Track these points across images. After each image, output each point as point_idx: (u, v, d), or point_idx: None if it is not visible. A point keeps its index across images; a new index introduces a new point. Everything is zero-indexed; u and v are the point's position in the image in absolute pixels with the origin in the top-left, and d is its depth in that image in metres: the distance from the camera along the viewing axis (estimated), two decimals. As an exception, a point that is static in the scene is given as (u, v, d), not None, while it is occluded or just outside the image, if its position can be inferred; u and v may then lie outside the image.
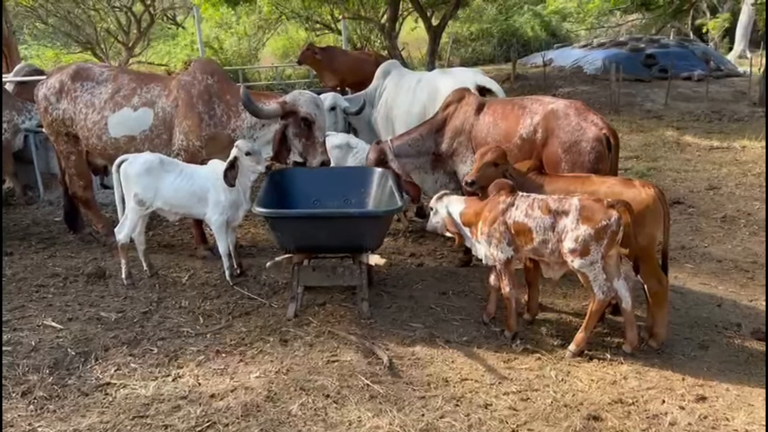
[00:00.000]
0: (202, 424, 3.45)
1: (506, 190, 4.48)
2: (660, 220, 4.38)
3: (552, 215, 4.21)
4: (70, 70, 6.21)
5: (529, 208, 4.30)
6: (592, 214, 4.10)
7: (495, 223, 4.44)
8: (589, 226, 4.09)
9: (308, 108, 5.51)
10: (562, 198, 4.28)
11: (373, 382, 3.99)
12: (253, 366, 4.15)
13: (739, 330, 4.89)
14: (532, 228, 4.28)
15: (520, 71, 20.48)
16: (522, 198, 4.40)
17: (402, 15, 21.31)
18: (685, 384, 4.13)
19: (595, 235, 4.08)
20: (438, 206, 4.89)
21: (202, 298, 5.27)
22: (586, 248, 4.11)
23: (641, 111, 16.12)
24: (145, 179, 5.27)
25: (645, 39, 20.01)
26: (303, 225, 4.74)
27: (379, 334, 4.74)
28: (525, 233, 4.33)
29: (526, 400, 3.91)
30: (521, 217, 4.32)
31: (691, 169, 10.59)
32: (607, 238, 4.10)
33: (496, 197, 4.50)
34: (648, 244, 4.38)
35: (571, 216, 4.15)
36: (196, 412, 3.55)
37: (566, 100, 5.32)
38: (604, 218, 4.07)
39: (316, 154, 5.58)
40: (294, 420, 3.53)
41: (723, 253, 6.40)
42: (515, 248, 4.46)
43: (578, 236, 4.11)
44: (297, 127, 5.54)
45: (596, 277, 4.22)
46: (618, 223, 4.10)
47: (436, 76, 7.09)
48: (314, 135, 5.57)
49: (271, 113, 5.52)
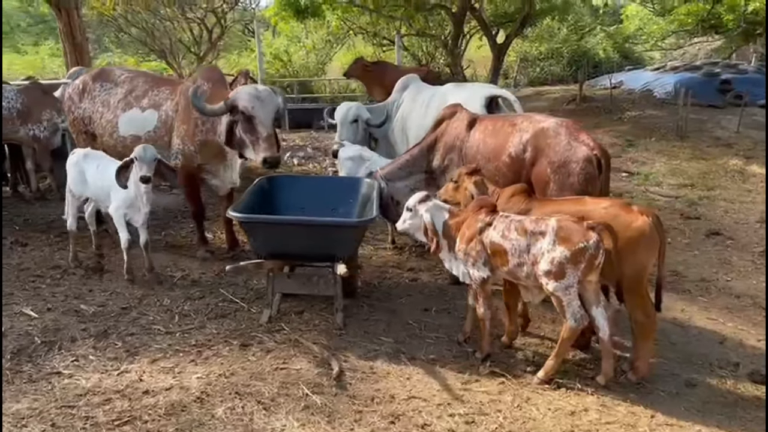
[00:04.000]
0: (122, 418, 3.47)
1: (487, 208, 4.26)
2: (654, 250, 4.04)
3: (528, 237, 3.98)
4: (93, 71, 6.51)
5: (506, 230, 4.07)
6: (570, 236, 3.84)
7: (472, 241, 4.23)
8: (565, 247, 3.83)
9: (246, 101, 5.37)
10: (540, 219, 4.05)
11: (313, 392, 3.89)
12: (201, 367, 4.14)
13: (736, 370, 4.48)
14: (507, 250, 4.06)
15: (587, 93, 19.86)
16: (501, 218, 4.16)
17: (469, 33, 21.17)
18: (653, 422, 3.81)
19: (572, 258, 3.82)
20: (420, 209, 4.51)
21: (185, 298, 5.33)
22: (562, 271, 3.85)
23: (710, 138, 15.24)
24: (72, 171, 5.64)
25: (721, 64, 18.97)
26: (275, 231, 4.72)
27: (346, 345, 4.64)
28: (501, 254, 4.11)
29: (470, 424, 3.72)
30: (498, 238, 4.10)
31: (748, 200, 9.91)
32: (585, 262, 3.84)
33: (476, 215, 4.28)
34: (637, 273, 4.04)
35: (547, 237, 3.90)
36: (122, 407, 3.57)
37: (558, 119, 5.06)
38: (582, 240, 3.81)
39: (259, 150, 5.41)
40: (214, 423, 3.49)
41: (745, 289, 5.91)
42: (491, 269, 4.23)
43: (554, 258, 3.85)
44: (241, 123, 5.45)
45: (570, 303, 3.95)
46: (597, 247, 3.83)
47: (449, 90, 6.96)
48: (256, 129, 5.41)
49: (215, 110, 5.49)
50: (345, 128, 7.22)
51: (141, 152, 5.07)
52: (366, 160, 6.89)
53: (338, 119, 7.29)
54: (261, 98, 5.49)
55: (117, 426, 3.41)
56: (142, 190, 5.21)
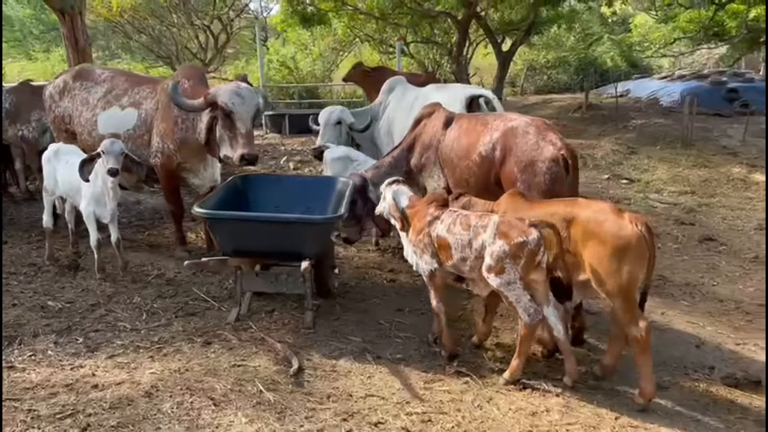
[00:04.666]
0: (65, 411, 3.40)
1: (438, 202, 4.31)
2: (644, 260, 3.78)
3: (471, 232, 3.97)
4: (73, 70, 6.51)
5: (452, 224, 4.08)
6: (509, 231, 3.81)
7: (421, 233, 4.25)
8: (504, 242, 3.80)
9: (226, 98, 5.36)
10: (484, 215, 4.04)
11: (268, 389, 3.81)
12: (157, 363, 4.07)
13: (711, 374, 4.33)
14: (451, 244, 4.06)
15: (594, 101, 19.73)
16: (449, 213, 4.19)
17: (475, 41, 21.12)
18: (617, 423, 3.69)
19: (511, 253, 3.77)
20: (386, 192, 4.65)
21: (157, 296, 5.28)
22: (501, 266, 3.81)
23: (715, 146, 15.02)
24: (46, 167, 5.66)
25: (728, 72, 18.78)
26: (238, 228, 4.65)
27: (312, 344, 4.56)
28: (446, 248, 4.11)
29: (426, 422, 3.62)
30: (443, 232, 4.11)
31: (748, 207, 9.72)
32: (525, 258, 3.77)
33: (427, 208, 4.30)
34: (628, 284, 3.76)
35: (488, 231, 3.88)
36: (67, 401, 3.51)
37: (529, 118, 4.95)
38: (521, 236, 3.77)
39: (237, 146, 5.38)
40: (159, 417, 3.41)
41: (729, 293, 5.75)
42: (438, 262, 4.21)
43: (493, 252, 3.83)
44: (221, 119, 5.42)
45: (519, 299, 3.86)
46: (538, 243, 3.77)
47: (431, 91, 6.89)
48: (235, 126, 5.39)
49: (195, 106, 5.46)
50: (328, 131, 7.16)
51: (108, 145, 5.04)
52: (353, 160, 6.84)
53: (321, 122, 7.25)
54: (241, 95, 5.47)
55: (58, 419, 3.34)
56: (109, 185, 5.18)
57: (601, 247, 3.75)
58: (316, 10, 17.87)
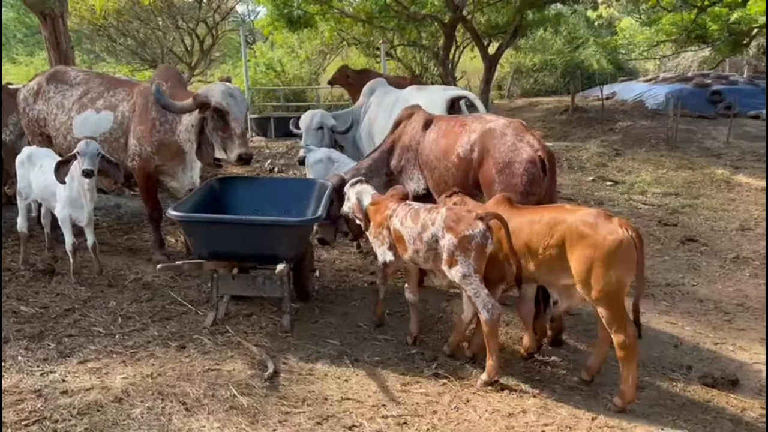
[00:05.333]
0: (30, 418, 3.32)
1: (397, 196, 4.54)
2: (632, 266, 3.71)
3: (420, 225, 4.13)
4: (47, 73, 6.43)
5: (404, 218, 4.27)
6: (456, 224, 3.95)
7: (380, 226, 4.49)
8: (452, 235, 3.94)
9: (219, 98, 5.27)
10: (434, 208, 4.22)
11: (241, 393, 3.75)
12: (130, 368, 4.00)
13: (688, 374, 4.34)
14: (405, 236, 4.25)
15: (580, 104, 19.79)
16: (404, 207, 4.38)
17: (462, 44, 21.14)
18: (593, 424, 3.68)
19: (459, 246, 3.90)
20: (350, 192, 4.87)
21: (133, 300, 5.20)
22: (452, 258, 3.95)
23: (699, 148, 15.10)
24: (20, 171, 5.56)
25: (712, 75, 18.91)
26: (214, 231, 4.59)
27: (289, 347, 4.51)
28: (401, 241, 4.31)
29: (401, 425, 3.58)
30: (398, 225, 4.31)
31: (731, 208, 9.78)
32: (474, 251, 3.88)
33: (387, 202, 4.53)
34: (617, 289, 3.70)
35: (437, 225, 4.04)
36: (34, 407, 3.42)
37: (507, 119, 4.94)
38: (467, 228, 3.89)
39: (234, 146, 5.28)
40: (129, 423, 3.34)
41: (709, 293, 5.77)
42: (395, 254, 4.44)
43: (444, 245, 3.98)
44: (212, 120, 5.34)
45: (477, 293, 3.92)
46: (484, 236, 3.88)
47: (411, 93, 6.87)
48: (230, 127, 5.30)
49: (184, 107, 5.38)
50: (310, 136, 7.12)
51: (83, 146, 4.99)
52: (335, 161, 6.80)
53: (303, 127, 7.20)
54: (234, 95, 5.42)
55: (24, 426, 3.27)
56: (86, 187, 5.11)
57: (589, 252, 3.68)
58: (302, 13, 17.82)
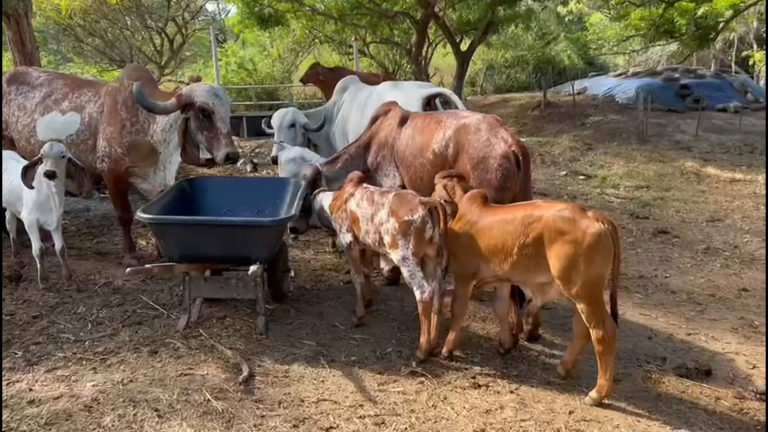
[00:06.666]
0: (-3, 429, 3.25)
1: (355, 181, 4.71)
2: (609, 259, 3.72)
3: (373, 207, 4.32)
4: (8, 74, 6.26)
5: (360, 199, 4.45)
6: (399, 208, 4.13)
7: (339, 210, 4.67)
8: (395, 219, 4.13)
9: (204, 98, 5.18)
10: (385, 192, 4.43)
11: (216, 398, 3.69)
12: (100, 375, 3.91)
13: (663, 365, 4.37)
14: (359, 218, 4.43)
15: (552, 99, 19.94)
16: (361, 189, 4.56)
17: (434, 41, 21.17)
18: (570, 418, 3.68)
19: (400, 229, 4.09)
20: (314, 203, 5.11)
21: (103, 305, 5.09)
22: (394, 241, 4.13)
23: (669, 142, 15.32)
24: None
25: (681, 69, 19.20)
26: (184, 233, 4.51)
27: (264, 349, 4.45)
28: (356, 222, 4.49)
29: (379, 425, 3.55)
30: (354, 207, 4.49)
31: (701, 200, 9.93)
32: (413, 235, 4.03)
33: (347, 186, 4.71)
34: (593, 284, 3.69)
35: (384, 208, 4.22)
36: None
37: (481, 115, 4.94)
38: (408, 213, 4.05)
39: (220, 146, 5.19)
40: (99, 431, 3.27)
41: (681, 285, 5.83)
42: (354, 236, 4.60)
43: (387, 228, 4.18)
44: (197, 120, 5.24)
45: (412, 275, 4.14)
46: (424, 221, 4.04)
47: (385, 90, 6.83)
48: (216, 126, 5.22)
49: (167, 108, 5.27)
50: (282, 133, 7.07)
51: (47, 149, 4.89)
52: (307, 160, 6.74)
53: (275, 125, 7.14)
54: (218, 95, 5.36)
55: (-10, 437, 3.19)
56: (53, 190, 4.99)
57: (569, 248, 3.65)
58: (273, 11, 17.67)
